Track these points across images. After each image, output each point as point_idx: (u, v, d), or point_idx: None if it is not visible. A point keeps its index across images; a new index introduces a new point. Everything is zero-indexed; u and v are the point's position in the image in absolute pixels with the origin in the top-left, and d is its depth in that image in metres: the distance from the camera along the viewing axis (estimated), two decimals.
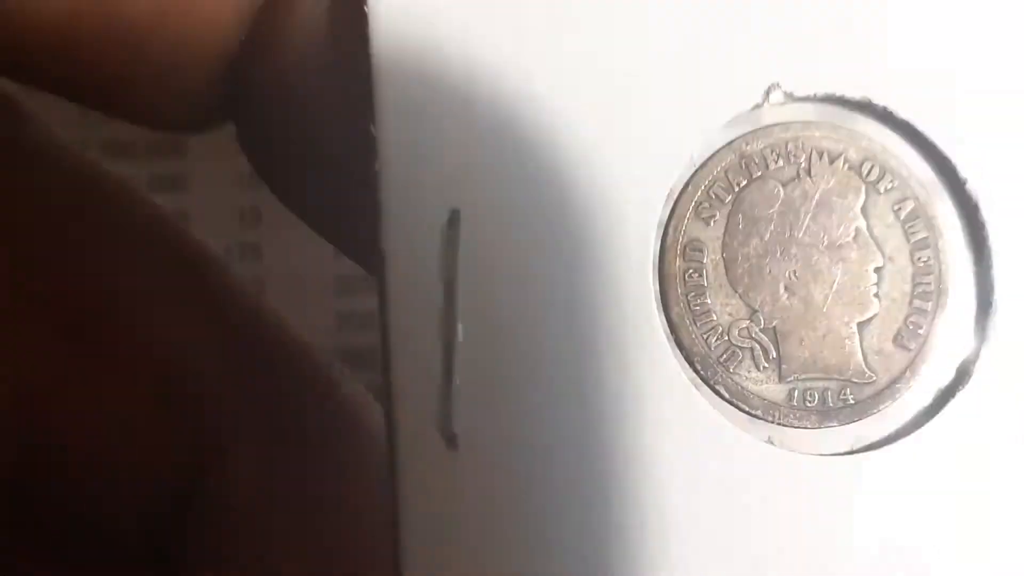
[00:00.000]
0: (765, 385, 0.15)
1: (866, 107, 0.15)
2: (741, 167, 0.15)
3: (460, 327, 0.14)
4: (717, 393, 0.15)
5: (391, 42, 0.15)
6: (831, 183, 0.15)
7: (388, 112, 0.14)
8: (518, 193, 0.15)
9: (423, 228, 0.14)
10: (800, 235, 0.15)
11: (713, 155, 0.15)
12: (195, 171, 0.25)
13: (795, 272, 0.15)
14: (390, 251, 0.14)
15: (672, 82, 0.15)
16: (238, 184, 0.18)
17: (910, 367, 0.15)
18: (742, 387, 0.15)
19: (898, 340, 0.15)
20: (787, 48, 0.15)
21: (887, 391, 0.15)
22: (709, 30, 0.15)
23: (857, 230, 0.15)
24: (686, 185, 0.15)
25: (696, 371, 0.15)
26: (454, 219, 0.14)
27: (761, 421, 0.15)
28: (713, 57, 0.15)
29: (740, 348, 0.15)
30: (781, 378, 0.15)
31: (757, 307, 0.15)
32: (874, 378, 0.15)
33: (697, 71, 0.15)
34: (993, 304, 0.15)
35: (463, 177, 0.15)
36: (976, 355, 0.15)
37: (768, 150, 0.15)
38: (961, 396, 0.15)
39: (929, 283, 0.15)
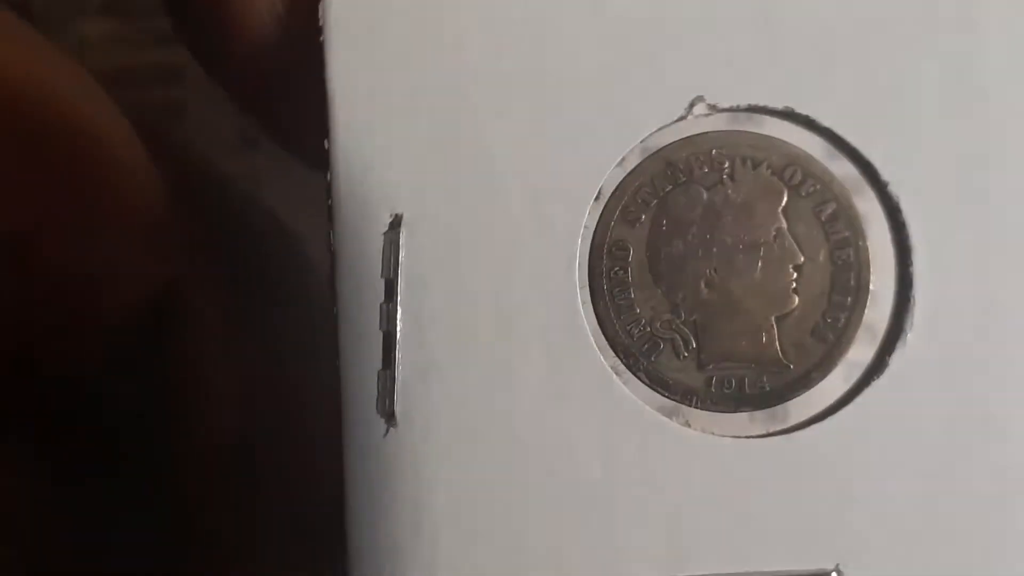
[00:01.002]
0: (684, 373, 0.16)
1: (789, 116, 0.16)
2: (667, 174, 0.16)
3: (399, 320, 0.16)
4: (639, 379, 0.16)
5: (345, 63, 0.16)
6: (753, 187, 0.16)
7: (340, 128, 0.16)
8: (458, 196, 0.16)
9: (369, 232, 0.16)
10: (722, 236, 0.16)
11: (640, 163, 0.16)
12: (194, 98, 0.27)
13: (715, 269, 0.16)
14: (340, 252, 0.16)
15: (601, 94, 0.16)
16: (236, 111, 0.20)
17: (827, 357, 0.16)
18: (662, 375, 0.16)
19: (816, 333, 0.16)
20: (712, 61, 0.16)
21: (802, 379, 0.16)
22: (636, 44, 0.16)
23: (778, 230, 0.16)
24: (614, 190, 0.16)
25: (620, 359, 0.16)
26: (395, 223, 0.16)
27: (680, 405, 0.16)
28: (641, 70, 0.16)
29: (661, 339, 0.16)
30: (700, 366, 0.16)
31: (678, 302, 0.16)
32: (791, 367, 0.16)
33: (625, 84, 0.16)
34: (912, 300, 0.16)
35: (406, 184, 0.16)
36: (892, 348, 0.16)
37: (693, 158, 0.16)
38: (876, 385, 0.15)
39: (849, 279, 0.16)
